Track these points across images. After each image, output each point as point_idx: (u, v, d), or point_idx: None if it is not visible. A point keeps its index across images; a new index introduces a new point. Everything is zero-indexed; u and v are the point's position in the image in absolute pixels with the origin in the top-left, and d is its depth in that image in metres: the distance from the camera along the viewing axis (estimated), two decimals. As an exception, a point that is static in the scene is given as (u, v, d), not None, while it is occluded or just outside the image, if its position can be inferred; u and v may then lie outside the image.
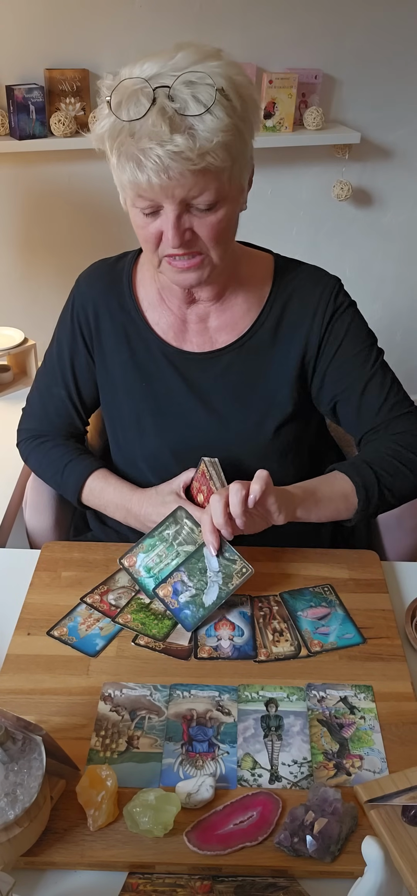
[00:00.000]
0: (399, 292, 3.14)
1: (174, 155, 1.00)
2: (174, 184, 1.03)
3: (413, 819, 0.83)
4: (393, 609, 1.17)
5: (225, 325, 1.28)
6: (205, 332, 1.29)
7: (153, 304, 1.30)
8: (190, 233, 1.09)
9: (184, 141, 1.00)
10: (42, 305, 2.64)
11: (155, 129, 1.00)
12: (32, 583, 1.20)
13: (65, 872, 0.83)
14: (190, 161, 1.01)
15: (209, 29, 2.47)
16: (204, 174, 1.04)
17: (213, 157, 1.03)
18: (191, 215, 1.08)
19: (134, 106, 1.02)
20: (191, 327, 1.29)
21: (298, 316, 1.27)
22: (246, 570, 1.13)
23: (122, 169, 1.05)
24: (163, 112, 1.00)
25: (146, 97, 1.01)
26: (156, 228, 1.10)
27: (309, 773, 0.92)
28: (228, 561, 1.14)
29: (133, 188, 1.06)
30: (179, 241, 1.08)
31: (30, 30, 2.32)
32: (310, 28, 2.60)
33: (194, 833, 0.84)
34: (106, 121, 1.07)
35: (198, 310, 1.27)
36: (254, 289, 1.28)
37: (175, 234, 1.07)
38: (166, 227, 1.08)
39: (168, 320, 1.29)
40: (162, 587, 1.15)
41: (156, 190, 1.04)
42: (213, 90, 1.01)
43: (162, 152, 1.00)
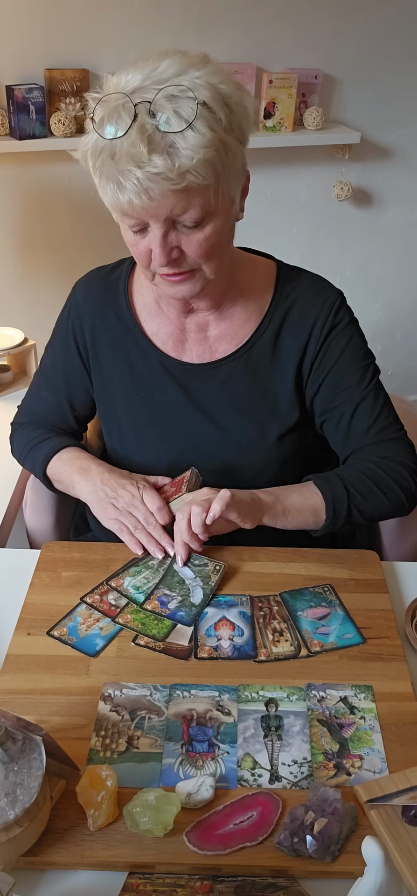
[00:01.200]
0: (399, 292, 3.14)
1: (153, 176, 0.99)
2: (156, 204, 1.02)
3: (413, 819, 0.84)
4: (393, 609, 1.17)
5: (225, 334, 1.27)
6: (205, 342, 1.28)
7: (151, 314, 1.29)
8: (177, 251, 1.08)
9: (163, 161, 0.98)
10: (42, 305, 2.64)
11: (133, 149, 0.98)
12: (32, 583, 1.20)
13: (65, 872, 0.83)
14: (170, 181, 0.99)
15: (209, 29, 2.47)
16: (186, 192, 1.02)
17: (195, 175, 1.00)
18: (179, 232, 1.07)
19: (115, 122, 1.01)
20: (191, 336, 1.28)
21: (297, 326, 1.26)
22: (219, 567, 1.21)
23: (104, 190, 1.05)
24: (143, 130, 0.98)
25: (127, 113, 0.99)
26: (146, 246, 1.09)
27: (309, 773, 0.92)
28: (200, 566, 1.22)
29: (117, 208, 1.07)
30: (166, 259, 1.07)
31: (30, 30, 2.32)
32: (310, 28, 2.60)
33: (194, 833, 0.84)
34: (89, 137, 1.06)
35: (197, 319, 1.26)
36: (254, 297, 1.27)
37: (161, 254, 1.07)
38: (153, 246, 1.07)
39: (167, 330, 1.28)
40: (148, 602, 1.16)
41: (139, 210, 1.04)
42: (195, 104, 0.98)
43: (141, 174, 0.99)
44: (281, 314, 1.26)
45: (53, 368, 1.38)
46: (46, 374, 1.39)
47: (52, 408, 1.39)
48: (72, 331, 1.34)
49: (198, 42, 2.47)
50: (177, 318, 1.27)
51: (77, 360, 1.34)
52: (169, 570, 1.22)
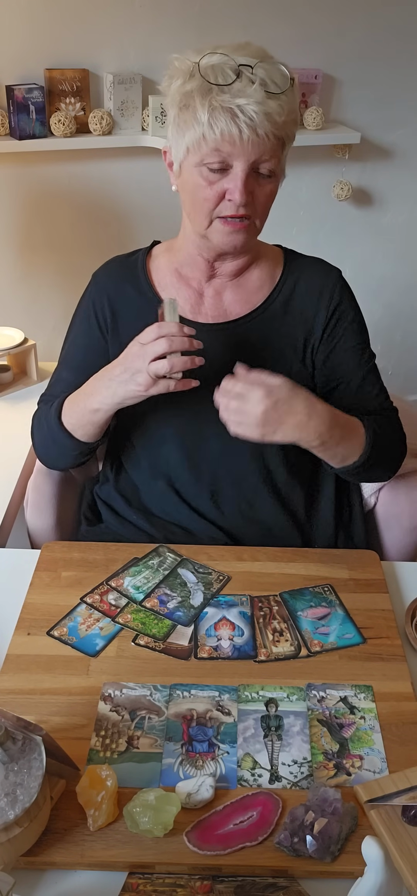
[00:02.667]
0: (399, 292, 3.14)
1: (267, 115, 1.12)
2: (256, 142, 1.13)
3: (413, 819, 0.84)
4: (393, 609, 1.17)
5: (240, 298, 1.33)
6: (220, 305, 1.33)
7: (170, 285, 1.34)
8: (250, 196, 1.18)
9: (276, 106, 1.13)
10: (42, 305, 2.64)
11: (251, 91, 1.11)
12: (32, 583, 1.20)
13: (65, 872, 0.83)
14: (275, 126, 1.13)
15: (209, 29, 2.47)
16: (276, 142, 1.16)
17: (288, 130, 1.17)
18: (254, 181, 1.17)
19: (220, 74, 1.12)
20: (207, 300, 1.33)
21: (306, 295, 1.34)
22: (222, 578, 1.22)
23: (215, 121, 1.12)
24: (252, 81, 1.11)
25: (231, 70, 1.12)
26: (221, 188, 1.17)
27: (309, 773, 0.92)
28: (203, 574, 1.22)
29: (215, 142, 1.13)
30: (245, 198, 1.16)
31: (30, 30, 2.31)
32: (310, 28, 2.60)
33: (194, 833, 0.84)
34: (189, 83, 1.15)
35: (215, 284, 1.33)
36: (267, 269, 1.35)
37: (242, 192, 1.15)
38: (233, 186, 1.16)
39: (185, 294, 1.33)
40: (148, 600, 1.17)
41: (238, 145, 1.13)
42: (287, 78, 1.15)
43: (258, 109, 1.11)
44: (292, 284, 1.35)
45: (74, 346, 1.41)
46: (66, 357, 1.42)
47: (71, 388, 1.37)
48: (92, 307, 1.37)
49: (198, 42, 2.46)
50: (199, 283, 1.33)
51: (97, 334, 1.37)
52: (172, 573, 1.22)
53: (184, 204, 1.26)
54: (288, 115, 1.15)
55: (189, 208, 1.24)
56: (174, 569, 1.23)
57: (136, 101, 2.46)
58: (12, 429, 1.75)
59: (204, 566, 1.24)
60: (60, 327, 2.67)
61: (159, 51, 2.44)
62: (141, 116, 2.49)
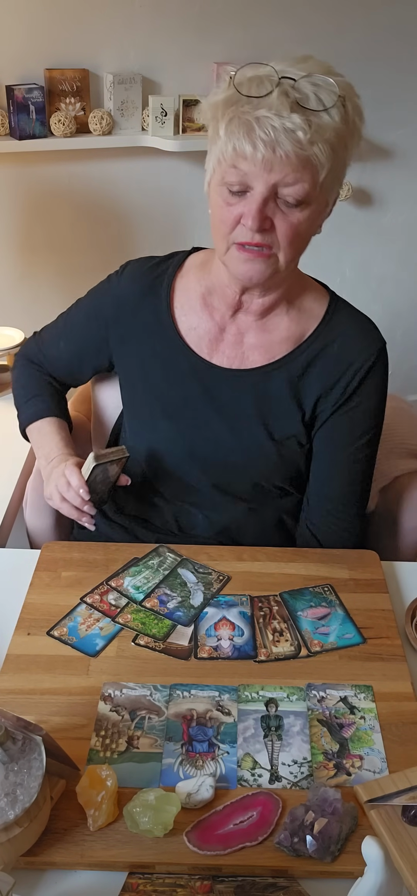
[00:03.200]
0: (399, 292, 3.14)
1: (287, 131, 1.01)
2: (276, 162, 1.03)
3: (413, 819, 0.83)
4: (393, 609, 1.17)
5: (261, 345, 1.26)
6: (239, 347, 1.27)
7: (194, 309, 1.28)
8: (269, 222, 1.08)
9: (301, 122, 1.01)
10: (42, 305, 2.64)
11: (275, 103, 1.01)
12: (32, 583, 1.20)
13: (65, 872, 0.83)
14: (299, 144, 1.02)
15: (209, 29, 2.47)
16: (304, 165, 1.04)
17: (320, 150, 1.04)
18: (276, 206, 1.08)
19: (256, 87, 1.03)
20: (228, 338, 1.27)
21: (333, 363, 1.25)
22: (222, 578, 1.21)
23: (230, 135, 1.04)
24: (286, 94, 1.02)
25: (270, 82, 1.03)
26: (238, 211, 1.09)
27: (309, 773, 0.92)
28: (204, 574, 1.22)
29: (231, 159, 1.05)
30: (258, 224, 1.07)
31: (30, 30, 2.32)
32: (310, 28, 2.60)
33: (194, 833, 0.84)
34: (223, 94, 1.07)
35: (239, 322, 1.26)
36: (299, 320, 1.26)
37: (256, 216, 1.06)
38: (248, 209, 1.07)
39: (206, 326, 1.27)
40: (148, 600, 1.17)
41: (256, 163, 1.03)
42: (336, 96, 1.04)
43: (277, 124, 1.01)
44: (321, 345, 1.25)
45: (78, 322, 1.40)
46: (69, 325, 1.42)
47: (61, 359, 1.42)
48: (106, 302, 1.34)
49: (198, 42, 2.47)
50: (222, 316, 1.26)
51: (100, 328, 1.35)
52: (172, 572, 1.22)
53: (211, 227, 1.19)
54: (318, 135, 1.03)
55: (212, 233, 1.16)
56: (174, 569, 1.23)
57: (136, 101, 2.46)
58: (12, 429, 1.74)
59: (204, 566, 1.24)
60: (60, 327, 2.67)
61: (159, 51, 2.44)
62: (141, 116, 2.49)
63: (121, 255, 1.38)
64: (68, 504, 1.23)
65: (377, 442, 1.31)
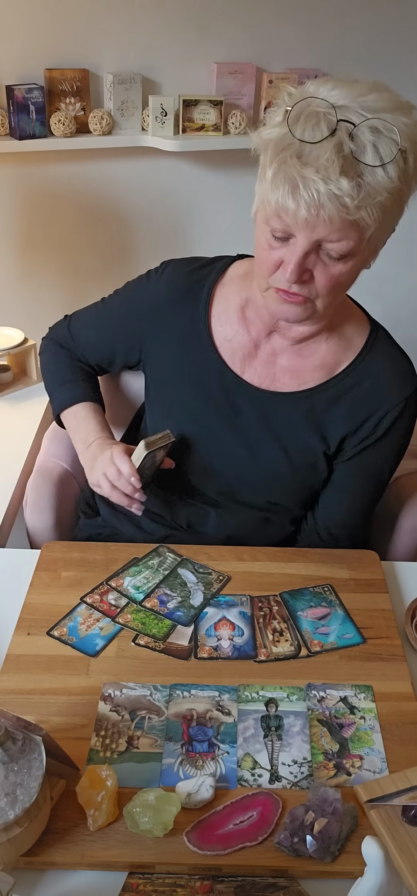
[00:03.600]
0: (399, 292, 3.14)
1: (333, 197, 0.97)
2: (319, 223, 1.00)
3: (413, 819, 0.84)
4: (393, 609, 1.17)
5: (293, 369, 1.25)
6: (272, 367, 1.25)
7: (231, 320, 1.26)
8: (308, 274, 1.06)
9: (349, 188, 0.96)
10: (42, 305, 2.64)
11: (326, 161, 0.96)
12: (32, 583, 1.20)
13: (65, 872, 0.83)
14: (345, 209, 0.98)
15: (209, 29, 2.47)
16: (350, 225, 1.01)
17: (369, 213, 1.00)
18: (318, 258, 1.05)
19: (311, 128, 0.97)
20: (261, 356, 1.25)
21: (364, 401, 1.23)
22: (222, 578, 1.21)
23: (275, 187, 1.00)
24: (340, 148, 0.96)
25: (327, 124, 0.97)
26: (279, 256, 1.06)
27: (309, 773, 0.92)
28: (203, 573, 1.22)
29: (275, 208, 1.02)
30: (297, 278, 1.05)
31: (30, 30, 2.31)
32: (310, 28, 2.60)
33: (194, 833, 0.84)
34: (277, 129, 1.02)
35: (274, 343, 1.24)
36: (337, 349, 1.24)
37: (296, 270, 1.04)
38: (289, 259, 1.04)
39: (241, 340, 1.25)
40: (148, 600, 1.17)
41: (297, 221, 1.01)
42: (396, 148, 0.97)
43: (323, 189, 0.96)
44: (354, 381, 1.23)
45: (111, 314, 1.38)
46: (102, 315, 1.40)
47: (91, 348, 1.41)
48: (143, 298, 1.33)
49: (198, 42, 2.47)
50: (258, 333, 1.24)
51: (133, 323, 1.34)
52: (172, 572, 1.22)
53: None
54: (367, 199, 0.98)
55: (254, 263, 1.14)
56: (174, 569, 1.23)
57: (136, 101, 2.46)
58: (12, 429, 1.75)
59: (204, 566, 1.24)
60: (60, 327, 2.67)
61: (159, 51, 2.44)
62: (141, 116, 2.49)
63: (121, 255, 1.38)
64: (119, 492, 1.21)
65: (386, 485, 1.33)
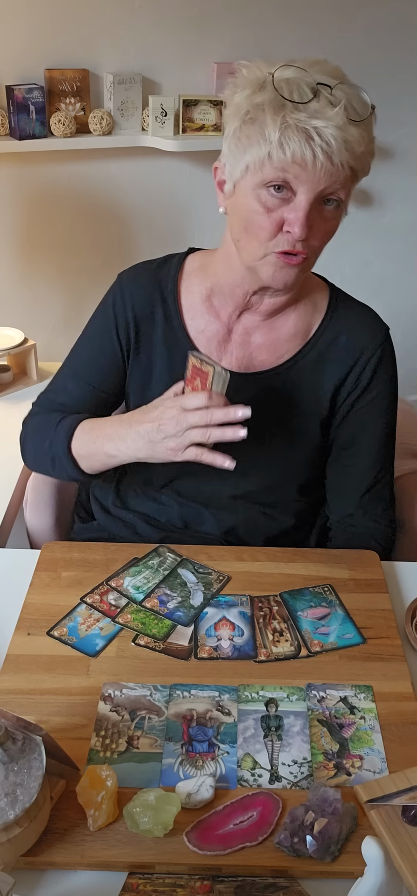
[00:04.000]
0: (399, 292, 3.14)
1: (346, 143, 1.01)
2: (330, 171, 1.03)
3: (413, 819, 0.83)
4: (393, 609, 1.17)
5: (268, 344, 1.25)
6: (247, 347, 1.26)
7: (199, 313, 1.26)
8: (310, 230, 1.08)
9: (357, 135, 1.02)
10: (42, 305, 2.64)
11: (332, 114, 1.00)
12: (32, 583, 1.20)
13: (65, 872, 0.83)
14: (354, 156, 1.03)
15: (209, 29, 2.47)
16: (350, 174, 1.06)
17: (365, 161, 1.07)
18: (316, 213, 1.08)
19: (297, 90, 1.02)
20: (235, 338, 1.26)
21: (345, 352, 1.25)
22: (222, 578, 1.21)
23: (287, 141, 1.01)
24: (332, 103, 1.01)
25: (308, 87, 1.02)
26: (280, 217, 1.07)
27: (309, 773, 0.92)
28: (203, 574, 1.22)
29: (282, 163, 1.03)
30: (306, 232, 1.06)
31: (30, 30, 2.32)
32: (311, 28, 2.60)
33: (194, 833, 0.84)
34: (263, 95, 1.03)
35: (245, 322, 1.25)
36: (306, 315, 1.26)
37: (304, 225, 1.05)
38: (293, 217, 1.06)
39: (213, 328, 1.26)
40: (148, 600, 1.16)
41: (310, 171, 1.03)
42: (368, 105, 1.05)
43: (337, 135, 1.01)
44: (329, 338, 1.25)
45: (88, 358, 1.32)
46: (76, 366, 1.33)
47: (77, 400, 1.31)
48: (114, 320, 1.28)
49: (197, 41, 2.47)
50: (229, 317, 1.25)
51: (115, 349, 1.29)
52: (172, 572, 1.22)
53: (231, 228, 1.16)
54: (367, 146, 1.05)
55: (238, 234, 1.13)
56: (174, 569, 1.23)
57: (136, 101, 2.46)
58: (12, 429, 1.75)
59: (204, 566, 1.24)
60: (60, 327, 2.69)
61: (159, 51, 2.44)
62: (141, 116, 2.49)
63: (121, 255, 1.38)
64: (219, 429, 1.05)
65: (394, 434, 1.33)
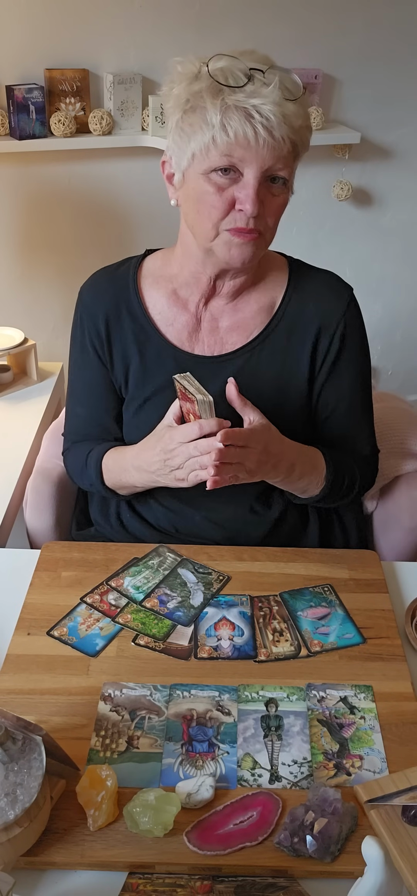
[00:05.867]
0: (399, 293, 3.14)
1: (285, 117, 1.06)
2: (272, 146, 1.07)
3: (413, 819, 0.83)
4: (393, 609, 1.17)
5: (236, 325, 1.27)
6: (216, 332, 1.28)
7: (166, 307, 1.28)
8: (261, 207, 1.11)
9: (294, 108, 1.07)
10: (42, 305, 2.64)
11: (268, 92, 1.05)
12: (32, 583, 1.20)
13: (65, 872, 0.83)
14: (293, 130, 1.07)
15: (209, 29, 2.47)
16: (290, 150, 1.10)
17: (304, 136, 1.11)
18: (266, 190, 1.11)
19: (231, 76, 1.06)
20: (204, 326, 1.28)
21: (312, 318, 1.27)
22: (222, 578, 1.21)
23: (228, 122, 1.06)
24: (266, 84, 1.05)
25: (242, 72, 1.06)
26: (231, 195, 1.10)
27: (309, 773, 0.92)
28: (203, 574, 1.22)
29: (226, 145, 1.07)
30: (257, 208, 1.09)
31: (30, 30, 2.32)
32: (310, 28, 2.60)
33: (194, 833, 0.84)
34: (200, 83, 1.08)
35: (212, 309, 1.27)
36: (267, 290, 1.28)
37: (254, 201, 1.09)
38: (244, 195, 1.09)
39: (183, 320, 1.28)
40: (148, 600, 1.17)
41: (253, 148, 1.06)
42: (300, 86, 1.09)
43: (275, 110, 1.05)
44: (295, 308, 1.27)
45: (81, 382, 1.36)
46: (75, 391, 1.38)
47: (88, 422, 1.36)
48: (87, 337, 1.31)
49: (198, 42, 2.47)
50: (197, 307, 1.27)
51: (99, 365, 1.32)
52: (172, 572, 1.22)
53: (185, 216, 1.19)
54: (303, 121, 1.10)
55: (193, 220, 1.16)
56: (174, 569, 1.23)
57: (136, 101, 2.46)
58: (12, 429, 1.75)
59: (204, 566, 1.24)
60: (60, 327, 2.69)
61: (159, 51, 2.44)
62: (141, 116, 2.49)
63: (121, 254, 1.37)
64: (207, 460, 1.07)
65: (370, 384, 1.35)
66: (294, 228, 2.84)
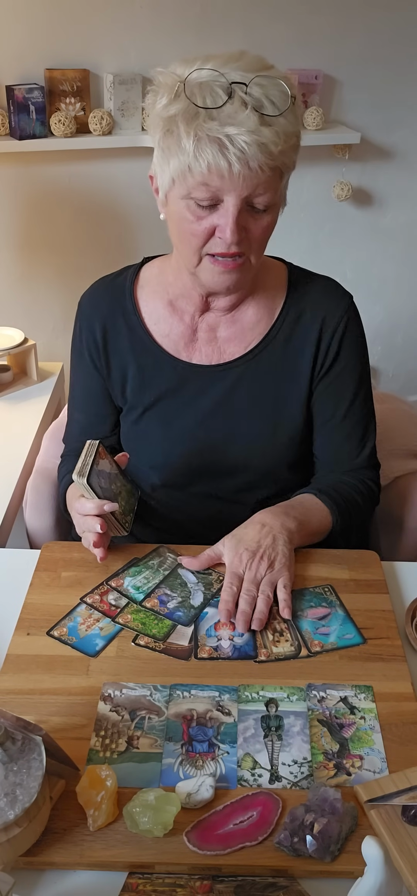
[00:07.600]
0: (399, 293, 3.14)
1: (260, 146, 1.01)
2: (249, 176, 1.03)
3: (413, 819, 0.83)
4: (393, 609, 1.17)
5: (234, 336, 1.27)
6: (214, 342, 1.27)
7: (163, 317, 1.28)
8: (243, 232, 1.08)
9: (271, 135, 1.02)
10: (42, 305, 2.64)
11: (243, 118, 1.00)
12: (32, 583, 1.20)
13: (65, 872, 0.83)
14: (270, 156, 1.03)
15: (209, 29, 2.47)
16: (272, 173, 1.05)
17: (287, 158, 1.06)
18: (247, 215, 1.08)
19: (210, 95, 1.02)
20: (201, 336, 1.27)
21: (310, 330, 1.26)
22: (223, 578, 1.19)
23: (201, 153, 1.02)
24: (245, 104, 1.01)
25: (222, 89, 1.01)
26: (210, 224, 1.08)
27: (309, 773, 0.92)
28: (203, 573, 1.22)
29: (201, 175, 1.04)
30: (237, 237, 1.07)
31: (30, 30, 2.32)
32: (310, 28, 2.61)
33: (194, 833, 0.84)
34: (174, 106, 1.04)
35: (209, 319, 1.26)
36: (266, 299, 1.27)
37: (234, 230, 1.06)
38: (223, 223, 1.07)
39: (179, 330, 1.27)
40: (148, 600, 1.16)
41: (228, 180, 1.03)
42: (288, 96, 1.04)
43: (250, 140, 1.00)
44: (295, 316, 1.26)
45: (78, 387, 1.37)
46: (74, 397, 1.39)
47: (86, 429, 1.37)
48: (86, 346, 1.32)
49: (198, 42, 2.47)
50: (192, 317, 1.26)
51: (95, 375, 1.33)
52: (172, 572, 1.22)
53: (171, 235, 1.19)
54: (285, 143, 1.04)
55: (176, 241, 1.17)
56: (174, 569, 1.23)
57: (137, 102, 2.46)
58: (12, 429, 1.75)
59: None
60: (60, 327, 2.69)
61: (159, 51, 2.45)
62: (141, 117, 2.49)
63: (122, 255, 1.39)
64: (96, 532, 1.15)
65: (370, 395, 1.33)
66: (294, 229, 2.85)
